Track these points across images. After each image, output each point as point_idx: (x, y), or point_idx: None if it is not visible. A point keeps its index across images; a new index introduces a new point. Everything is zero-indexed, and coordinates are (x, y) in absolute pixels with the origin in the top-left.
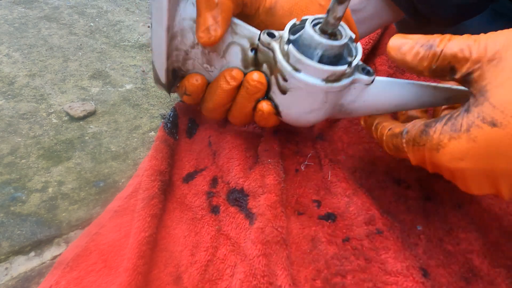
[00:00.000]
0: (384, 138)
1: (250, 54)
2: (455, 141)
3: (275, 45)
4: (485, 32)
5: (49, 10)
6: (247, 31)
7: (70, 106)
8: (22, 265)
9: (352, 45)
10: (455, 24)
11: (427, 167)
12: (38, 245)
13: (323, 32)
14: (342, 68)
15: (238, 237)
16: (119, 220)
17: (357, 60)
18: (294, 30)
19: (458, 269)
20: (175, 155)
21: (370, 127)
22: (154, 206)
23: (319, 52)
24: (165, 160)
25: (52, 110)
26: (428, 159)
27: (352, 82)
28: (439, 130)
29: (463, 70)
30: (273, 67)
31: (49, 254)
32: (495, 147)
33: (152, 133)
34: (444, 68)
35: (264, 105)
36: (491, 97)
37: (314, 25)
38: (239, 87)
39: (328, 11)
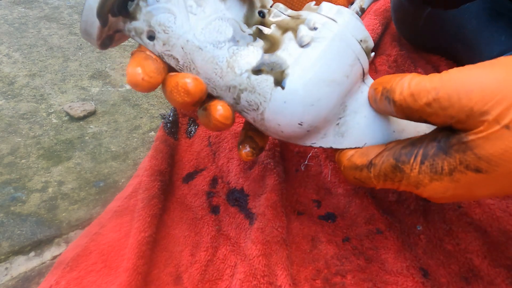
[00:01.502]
0: (343, 169)
1: (258, 17)
2: (437, 182)
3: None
4: (485, 32)
5: (49, 10)
6: None
7: (70, 106)
8: (22, 265)
9: None
10: (456, 6)
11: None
12: (38, 245)
13: None
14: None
15: (238, 237)
16: (119, 220)
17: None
18: None
19: (458, 269)
20: (175, 155)
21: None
22: (154, 206)
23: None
24: (165, 160)
25: (52, 110)
26: (402, 190)
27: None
28: (417, 170)
29: (439, 122)
30: (293, 24)
31: (49, 254)
32: (478, 187)
33: (152, 133)
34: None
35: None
36: (475, 148)
37: None
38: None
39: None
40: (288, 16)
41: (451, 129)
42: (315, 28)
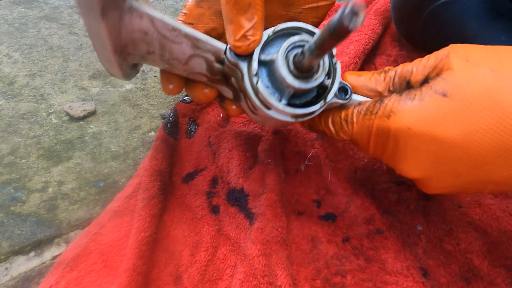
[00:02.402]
0: (331, 115)
1: (217, 65)
2: (408, 108)
3: (243, 66)
4: (485, 32)
5: (49, 10)
6: (210, 46)
7: (70, 106)
8: (22, 265)
9: (332, 63)
10: None
11: (371, 137)
12: (38, 245)
13: (297, 68)
14: (315, 108)
15: (238, 237)
16: (119, 220)
17: (333, 91)
18: (268, 42)
19: (458, 269)
20: (175, 155)
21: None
22: (154, 206)
23: (290, 91)
24: (165, 160)
25: (52, 110)
26: (375, 128)
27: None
28: (394, 99)
29: (419, 77)
30: (241, 87)
31: (49, 254)
32: (441, 115)
33: (152, 133)
34: (402, 84)
35: (234, 109)
36: (443, 75)
37: (290, 50)
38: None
39: (302, 54)
40: (237, 68)
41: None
42: (255, 108)
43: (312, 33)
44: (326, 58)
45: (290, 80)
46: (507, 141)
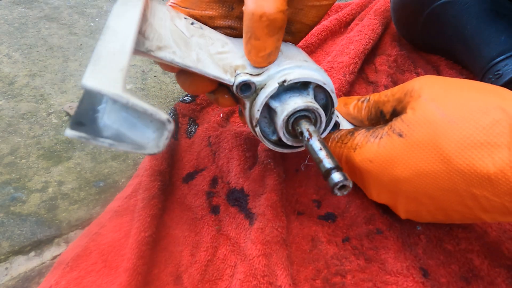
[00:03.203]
0: None
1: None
2: (370, 144)
3: (247, 103)
4: (485, 32)
5: (49, 10)
6: (219, 79)
7: (70, 106)
8: (22, 265)
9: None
10: None
11: (342, 165)
12: (38, 245)
13: (291, 133)
14: (298, 150)
15: (238, 237)
16: (119, 220)
17: (325, 133)
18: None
19: (458, 269)
20: (175, 155)
21: None
22: (154, 206)
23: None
24: (165, 160)
25: (52, 110)
26: (344, 156)
27: None
28: (362, 134)
29: (389, 108)
30: (243, 109)
31: (49, 254)
32: (395, 154)
33: None
34: (377, 113)
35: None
36: (403, 115)
37: (290, 117)
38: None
39: (301, 134)
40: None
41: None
42: (254, 130)
43: (320, 87)
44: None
45: (285, 139)
46: (450, 183)
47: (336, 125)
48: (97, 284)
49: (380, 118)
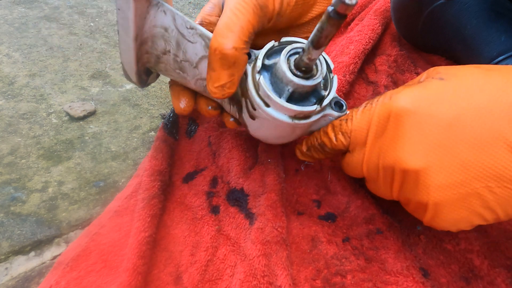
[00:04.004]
0: (330, 123)
1: None
2: (409, 89)
3: (249, 69)
4: (485, 32)
5: (49, 10)
6: None
7: (70, 106)
8: (22, 265)
9: (329, 77)
10: None
11: (363, 135)
12: (38, 245)
13: (297, 67)
14: (311, 108)
15: (238, 237)
16: (119, 220)
17: (329, 98)
18: (272, 51)
19: (458, 269)
20: (175, 155)
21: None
22: (154, 206)
23: (290, 89)
24: (165, 160)
25: (52, 110)
26: (376, 114)
27: (323, 116)
28: (393, 89)
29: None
30: (245, 91)
31: (49, 254)
32: (441, 93)
33: (152, 133)
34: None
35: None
36: (434, 73)
37: (291, 55)
38: None
39: (303, 51)
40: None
41: None
42: (254, 109)
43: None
44: (324, 63)
45: (290, 75)
46: (504, 112)
47: (340, 105)
48: (97, 284)
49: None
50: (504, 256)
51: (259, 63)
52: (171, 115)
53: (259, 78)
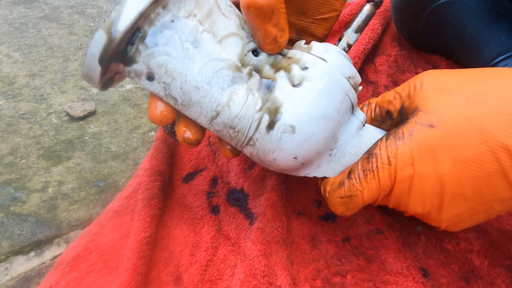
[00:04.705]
0: (328, 195)
1: (251, 54)
2: (402, 147)
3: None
4: (485, 32)
5: (49, 10)
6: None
7: (70, 106)
8: (22, 265)
9: None
10: None
11: (379, 194)
12: (38, 245)
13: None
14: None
15: (238, 237)
16: (119, 220)
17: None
18: None
19: (458, 269)
20: (175, 155)
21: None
22: (154, 206)
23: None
24: (165, 160)
25: (52, 110)
26: (381, 179)
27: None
28: (385, 145)
29: (397, 106)
30: (285, 63)
31: (49, 254)
32: (434, 146)
33: (152, 133)
34: (382, 113)
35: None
36: (423, 108)
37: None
38: None
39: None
40: (280, 54)
41: None
42: (306, 68)
43: None
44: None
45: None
46: (495, 163)
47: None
48: (97, 284)
49: (386, 118)
50: (504, 256)
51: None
52: None
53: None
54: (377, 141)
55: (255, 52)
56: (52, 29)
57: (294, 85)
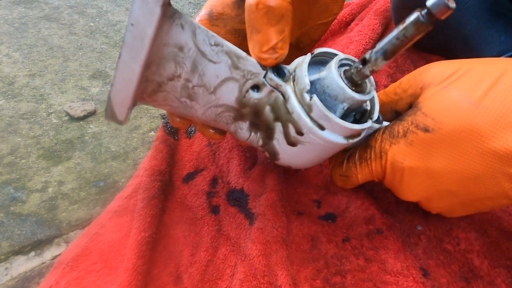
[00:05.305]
0: (330, 172)
1: (251, 93)
2: (395, 146)
3: (288, 88)
4: (485, 32)
5: (49, 10)
6: (252, 66)
7: (70, 106)
8: (22, 265)
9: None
10: None
11: (374, 178)
12: (38, 245)
13: (351, 81)
14: (368, 125)
15: (238, 237)
16: (119, 220)
17: (377, 112)
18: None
19: (458, 269)
20: (175, 155)
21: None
22: (154, 206)
23: (345, 106)
24: (165, 160)
25: (52, 110)
26: (374, 169)
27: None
28: (379, 140)
29: (404, 106)
30: (283, 115)
31: (49, 254)
32: (427, 150)
33: (152, 133)
34: (391, 114)
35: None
36: (422, 108)
37: (341, 63)
38: None
39: (364, 61)
40: (278, 91)
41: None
42: (301, 134)
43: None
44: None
45: (349, 91)
46: (485, 167)
47: (378, 117)
48: (97, 284)
49: (394, 117)
50: (504, 256)
51: (306, 81)
52: None
53: (311, 99)
54: (376, 131)
55: (256, 88)
56: (52, 29)
57: (289, 144)
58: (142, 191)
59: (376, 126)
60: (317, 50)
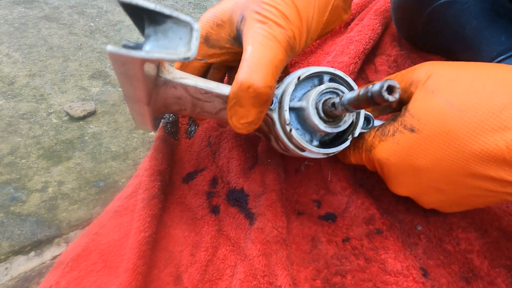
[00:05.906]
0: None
1: None
2: (383, 143)
3: (274, 116)
4: (485, 32)
5: (49, 10)
6: None
7: (70, 106)
8: (22, 265)
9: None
10: None
11: (367, 166)
12: (38, 245)
13: (327, 114)
14: (345, 145)
15: (238, 237)
16: (119, 220)
17: (359, 128)
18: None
19: (458, 269)
20: (175, 155)
21: None
22: (154, 206)
23: (322, 134)
24: (165, 160)
25: (52, 110)
26: (364, 159)
27: None
28: (372, 135)
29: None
30: (272, 132)
31: (49, 254)
32: (412, 147)
33: (152, 133)
34: (384, 106)
35: None
36: (411, 109)
37: (318, 99)
38: None
39: (333, 105)
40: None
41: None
42: (286, 150)
43: (333, 75)
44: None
45: (323, 127)
46: (467, 168)
47: (369, 119)
48: (97, 284)
49: (386, 107)
50: (504, 256)
51: (287, 116)
52: (171, 115)
53: (290, 130)
54: (373, 127)
55: None
56: (52, 29)
57: (281, 149)
58: (142, 191)
59: (364, 131)
60: (303, 74)
